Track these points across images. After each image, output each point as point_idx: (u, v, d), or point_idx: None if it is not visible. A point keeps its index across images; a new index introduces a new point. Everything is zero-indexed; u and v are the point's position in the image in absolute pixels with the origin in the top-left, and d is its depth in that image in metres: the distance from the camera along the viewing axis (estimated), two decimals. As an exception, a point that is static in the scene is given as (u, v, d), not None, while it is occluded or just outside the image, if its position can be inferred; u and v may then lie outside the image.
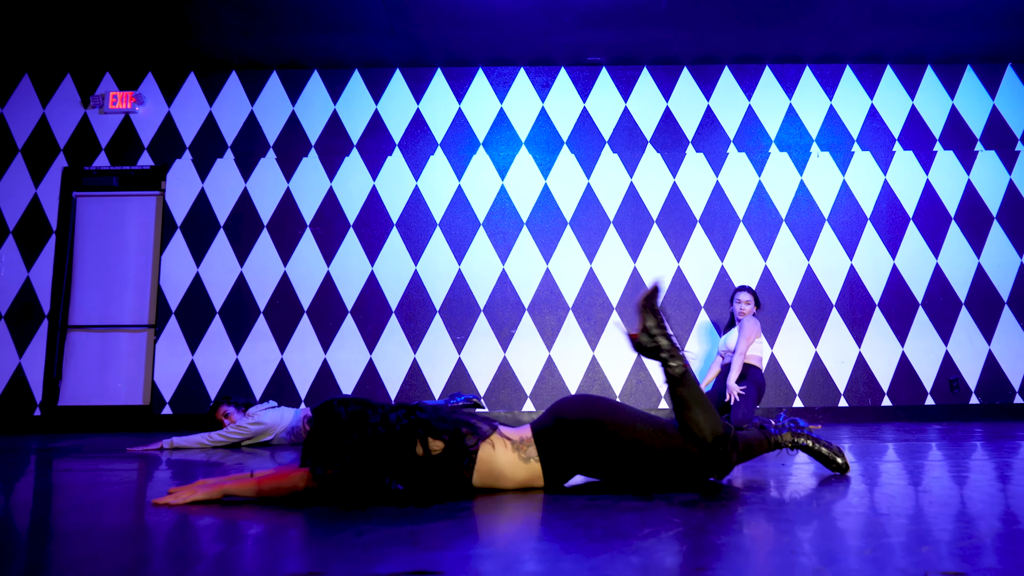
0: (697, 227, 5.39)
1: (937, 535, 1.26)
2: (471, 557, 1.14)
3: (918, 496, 1.72)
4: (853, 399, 5.16)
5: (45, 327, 5.26)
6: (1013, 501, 1.62)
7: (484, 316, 5.25)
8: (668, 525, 1.35)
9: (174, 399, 5.14)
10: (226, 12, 4.81)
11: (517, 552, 1.19)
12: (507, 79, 5.62)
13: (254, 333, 5.22)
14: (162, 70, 5.59)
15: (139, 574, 1.06)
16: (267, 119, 5.54)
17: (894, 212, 5.42)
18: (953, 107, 5.60)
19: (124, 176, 5.48)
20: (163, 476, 2.42)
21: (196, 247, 5.34)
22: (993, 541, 1.22)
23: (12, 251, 5.33)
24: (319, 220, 5.38)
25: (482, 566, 1.08)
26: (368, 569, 1.05)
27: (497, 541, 1.30)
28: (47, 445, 3.89)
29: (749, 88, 5.62)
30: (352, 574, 1.02)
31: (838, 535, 1.29)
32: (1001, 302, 5.30)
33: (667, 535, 1.27)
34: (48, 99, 5.55)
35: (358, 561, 1.10)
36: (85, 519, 1.56)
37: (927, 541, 1.21)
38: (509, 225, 5.39)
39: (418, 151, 5.50)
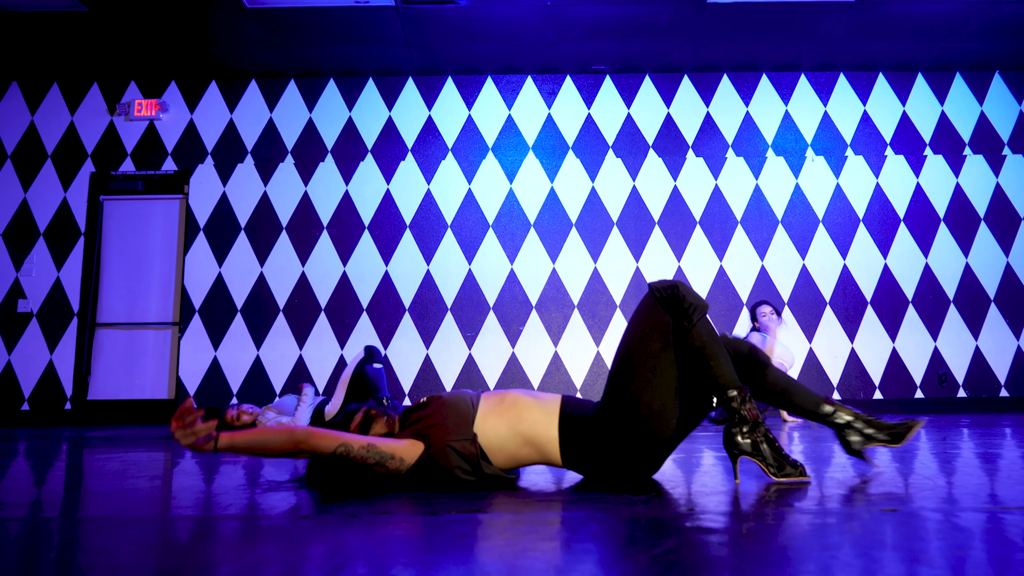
0: (697, 228, 5.64)
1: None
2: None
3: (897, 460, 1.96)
4: (846, 392, 5.40)
5: (75, 325, 5.51)
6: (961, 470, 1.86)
7: (493, 313, 5.50)
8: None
9: (198, 393, 5.39)
10: (248, 25, 5.06)
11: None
12: (515, 87, 5.87)
13: (274, 330, 5.47)
14: (185, 79, 5.84)
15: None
16: (285, 126, 5.79)
17: (886, 214, 5.66)
18: (943, 113, 5.84)
19: (149, 180, 5.73)
20: (190, 465, 2.67)
21: (218, 248, 5.59)
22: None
23: (43, 252, 5.59)
24: (336, 222, 5.63)
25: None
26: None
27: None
28: (81, 435, 4.14)
29: (747, 95, 5.86)
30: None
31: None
32: (988, 300, 5.54)
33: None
34: (76, 107, 5.80)
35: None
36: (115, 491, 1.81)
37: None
38: (517, 227, 5.63)
39: (430, 156, 5.75)
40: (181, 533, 1.24)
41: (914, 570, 0.90)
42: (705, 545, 1.06)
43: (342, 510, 1.42)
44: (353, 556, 1.03)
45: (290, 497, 1.62)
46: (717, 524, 1.22)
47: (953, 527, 1.16)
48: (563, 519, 1.31)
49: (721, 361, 1.66)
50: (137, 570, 0.98)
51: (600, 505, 1.44)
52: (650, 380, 1.63)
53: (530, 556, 1.02)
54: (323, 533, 1.20)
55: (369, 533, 1.18)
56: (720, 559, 0.98)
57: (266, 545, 1.11)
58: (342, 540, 1.13)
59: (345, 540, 1.13)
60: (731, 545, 1.06)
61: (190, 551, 1.09)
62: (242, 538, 1.17)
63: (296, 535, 1.18)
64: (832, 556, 0.98)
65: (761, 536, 1.11)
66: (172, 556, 1.06)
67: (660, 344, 1.65)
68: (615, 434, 1.64)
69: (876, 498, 1.46)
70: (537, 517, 1.33)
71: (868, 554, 0.99)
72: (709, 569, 0.92)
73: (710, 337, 1.67)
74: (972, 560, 0.95)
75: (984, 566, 0.92)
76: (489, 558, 1.01)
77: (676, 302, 1.67)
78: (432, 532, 1.18)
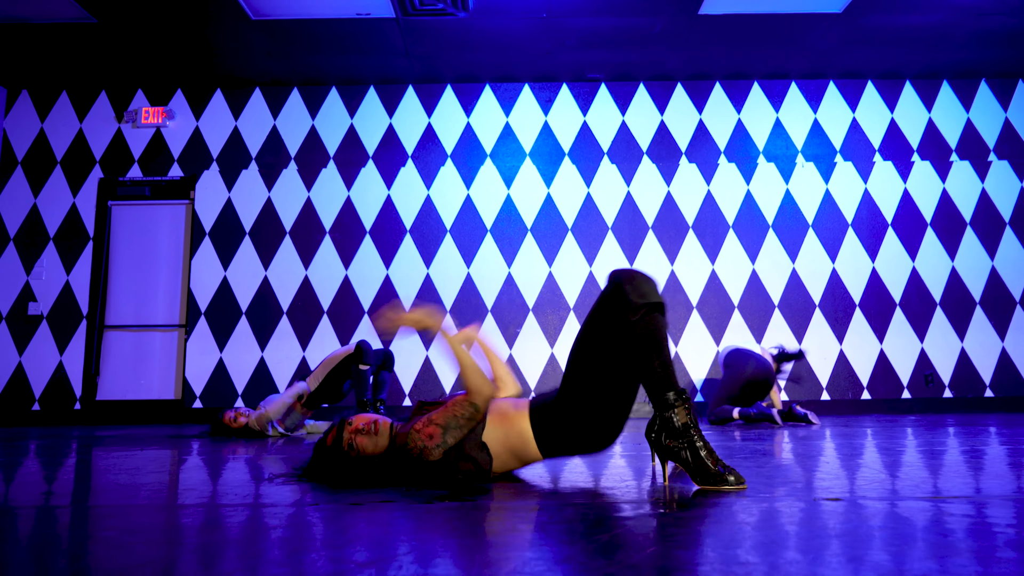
0: (690, 233, 5.78)
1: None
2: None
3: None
4: (835, 393, 5.55)
5: (84, 327, 5.66)
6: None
7: (492, 316, 5.65)
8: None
9: (204, 393, 5.54)
10: (252, 36, 5.21)
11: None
12: (512, 95, 6.02)
13: (278, 332, 5.63)
14: (191, 87, 6.00)
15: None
16: (289, 133, 5.94)
17: (874, 219, 5.80)
18: (930, 120, 5.99)
19: (156, 186, 5.89)
20: (196, 462, 2.82)
21: (223, 252, 5.75)
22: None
23: (53, 257, 5.74)
24: (338, 227, 5.78)
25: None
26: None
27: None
28: (91, 433, 4.29)
29: (739, 102, 6.01)
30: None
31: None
32: (973, 303, 5.68)
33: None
34: (85, 114, 5.96)
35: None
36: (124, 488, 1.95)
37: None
38: (515, 231, 5.78)
39: (430, 162, 5.90)
40: (194, 519, 1.38)
41: (815, 547, 1.05)
42: (648, 526, 1.21)
43: (346, 499, 1.56)
44: (359, 536, 1.17)
45: (295, 489, 1.77)
46: (660, 511, 1.36)
47: (894, 516, 1.30)
48: (541, 506, 1.46)
49: (656, 361, 1.67)
50: (154, 549, 1.12)
51: (576, 496, 1.59)
52: (597, 364, 1.72)
53: (512, 534, 1.17)
54: (332, 518, 1.34)
55: (372, 518, 1.33)
56: (652, 536, 1.12)
57: (279, 529, 1.26)
58: (349, 523, 1.28)
59: (351, 523, 1.28)
60: (670, 526, 1.20)
61: (205, 534, 1.23)
62: (255, 523, 1.32)
63: (305, 520, 1.33)
64: (738, 529, 1.12)
65: (685, 520, 1.26)
66: (192, 537, 1.20)
67: (610, 332, 1.71)
68: (571, 409, 1.77)
69: (811, 490, 1.61)
70: (519, 504, 1.48)
71: (772, 529, 1.13)
72: (646, 544, 1.07)
73: (649, 336, 1.67)
74: (897, 541, 1.10)
75: (899, 545, 1.07)
76: (469, 537, 1.16)
77: (620, 295, 1.70)
78: (427, 517, 1.33)
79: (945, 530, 1.14)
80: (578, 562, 0.98)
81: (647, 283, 1.72)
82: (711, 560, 0.97)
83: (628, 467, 2.14)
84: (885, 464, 2.09)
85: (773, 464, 2.15)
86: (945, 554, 0.99)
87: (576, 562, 0.98)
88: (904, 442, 2.79)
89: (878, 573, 0.90)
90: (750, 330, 5.60)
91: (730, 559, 0.97)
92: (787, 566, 0.94)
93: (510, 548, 1.07)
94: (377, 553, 1.04)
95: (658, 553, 1.02)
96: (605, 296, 1.75)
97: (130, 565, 1.00)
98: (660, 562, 0.97)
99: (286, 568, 0.97)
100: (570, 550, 1.05)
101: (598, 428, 1.77)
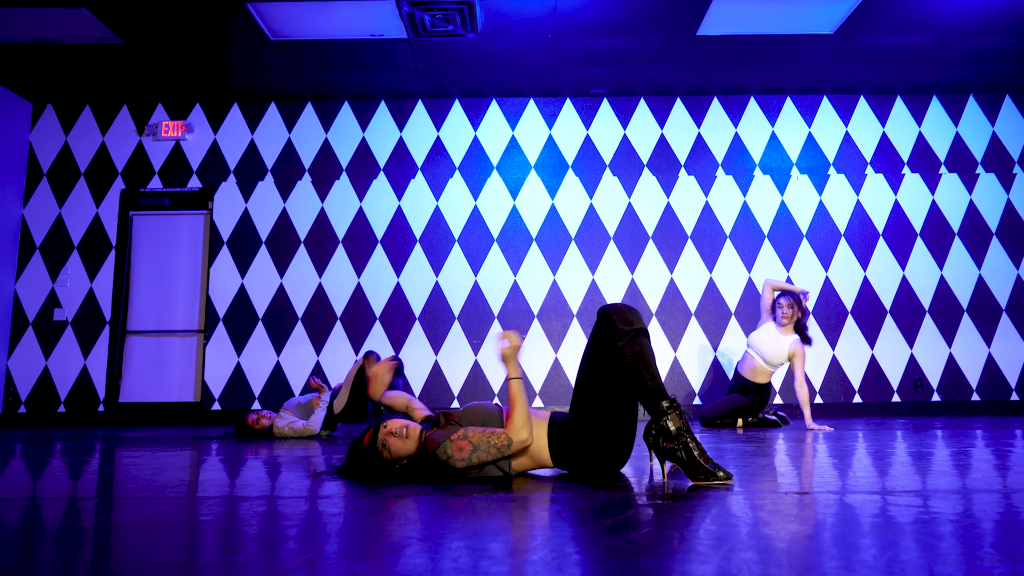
0: (688, 243, 6.02)
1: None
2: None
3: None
4: (827, 396, 5.78)
5: (107, 332, 5.90)
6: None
7: (498, 322, 5.89)
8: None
9: (222, 396, 5.78)
10: (269, 55, 5.45)
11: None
12: (518, 109, 6.26)
13: (293, 337, 5.86)
14: (209, 102, 6.24)
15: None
16: (303, 145, 6.19)
17: (865, 229, 6.04)
18: (920, 134, 6.22)
19: (175, 197, 6.13)
20: (214, 461, 3.05)
21: (241, 261, 5.99)
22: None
23: (77, 265, 5.98)
24: (350, 236, 6.02)
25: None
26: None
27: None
28: (114, 434, 4.53)
29: (736, 117, 6.25)
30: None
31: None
32: (961, 310, 5.92)
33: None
34: (107, 128, 6.21)
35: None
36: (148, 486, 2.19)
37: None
38: (520, 241, 6.02)
39: (438, 174, 6.14)
40: (256, 510, 1.62)
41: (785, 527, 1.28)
42: (646, 514, 1.44)
43: (389, 493, 1.80)
44: (410, 520, 1.41)
45: (340, 484, 2.00)
46: (658, 501, 1.60)
47: (847, 506, 1.54)
48: (553, 498, 1.69)
49: (647, 377, 1.89)
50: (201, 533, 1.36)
51: (583, 490, 1.82)
52: (599, 389, 1.95)
53: (533, 518, 1.40)
54: (383, 506, 1.58)
55: (417, 507, 1.57)
56: (650, 519, 1.36)
57: (340, 517, 1.49)
58: (399, 511, 1.52)
59: (402, 510, 1.51)
60: (664, 513, 1.44)
61: (281, 520, 1.47)
62: (315, 513, 1.56)
63: (360, 509, 1.56)
64: (725, 513, 1.35)
65: (678, 508, 1.50)
66: (257, 526, 1.44)
67: (605, 359, 1.95)
68: (582, 435, 2.03)
69: (781, 484, 1.84)
70: (537, 496, 1.71)
71: (748, 515, 1.37)
72: (644, 525, 1.31)
73: (637, 357, 1.90)
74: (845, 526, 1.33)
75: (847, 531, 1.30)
76: (499, 520, 1.39)
77: (609, 324, 1.93)
78: (463, 506, 1.56)
79: (887, 519, 1.38)
80: (589, 538, 1.21)
81: (631, 312, 1.96)
82: (699, 536, 1.21)
83: (629, 466, 2.37)
84: (844, 463, 2.32)
85: (758, 464, 2.38)
86: (869, 536, 1.22)
87: (587, 538, 1.21)
88: (893, 444, 3.03)
89: (823, 546, 1.13)
90: (746, 338, 5.83)
91: (712, 534, 1.21)
92: (755, 539, 1.17)
93: (534, 528, 1.31)
94: (430, 532, 1.28)
95: (653, 531, 1.25)
96: (597, 329, 2.01)
97: (155, 560, 1.24)
98: (654, 537, 1.20)
99: (361, 543, 1.21)
100: (582, 530, 1.28)
101: (608, 452, 2.00)
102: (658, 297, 5.93)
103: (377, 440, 2.08)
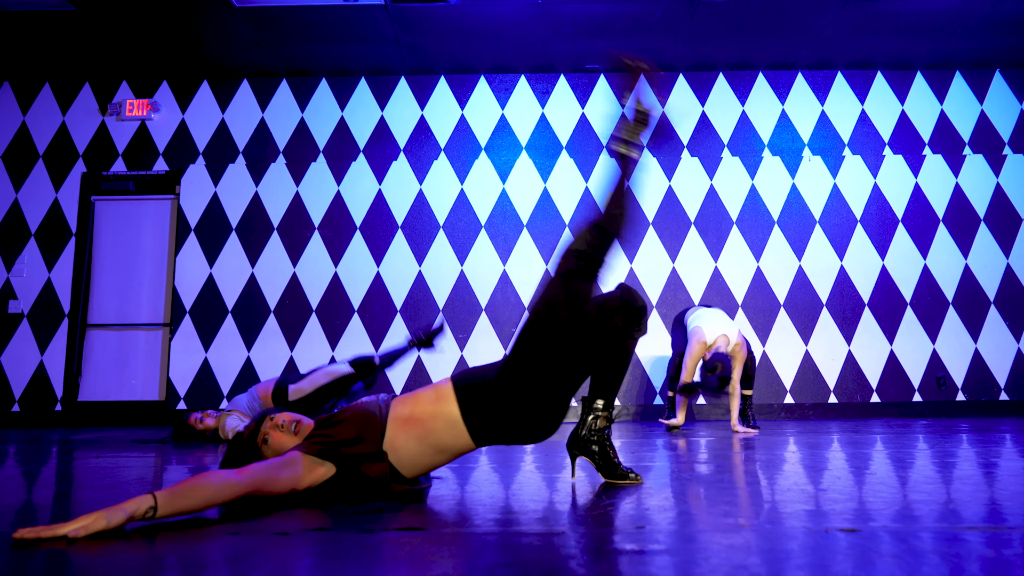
0: (692, 229, 5.57)
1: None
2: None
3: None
4: (842, 396, 5.33)
5: (65, 325, 5.49)
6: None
7: (486, 315, 5.45)
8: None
9: (188, 394, 5.36)
10: (237, 24, 5.02)
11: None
12: (508, 86, 5.82)
13: (265, 331, 5.44)
14: (176, 79, 5.82)
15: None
16: (277, 125, 5.76)
17: (883, 214, 5.58)
18: (942, 112, 5.76)
19: (140, 181, 5.71)
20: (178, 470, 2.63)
21: (209, 249, 5.56)
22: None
23: (34, 253, 5.57)
24: (327, 223, 5.59)
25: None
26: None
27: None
28: (68, 437, 4.11)
29: (743, 94, 5.80)
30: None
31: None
32: (988, 302, 5.46)
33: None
34: (68, 107, 5.78)
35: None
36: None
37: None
38: (510, 227, 5.58)
39: (422, 156, 5.70)
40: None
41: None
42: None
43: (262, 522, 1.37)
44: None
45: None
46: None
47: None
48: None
49: (622, 377, 1.91)
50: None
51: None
52: (563, 347, 1.72)
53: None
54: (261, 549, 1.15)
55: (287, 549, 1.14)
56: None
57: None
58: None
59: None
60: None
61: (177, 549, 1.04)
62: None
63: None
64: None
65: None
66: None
67: (597, 331, 1.75)
68: (520, 391, 1.67)
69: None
70: (435, 534, 1.28)
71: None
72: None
73: (630, 356, 1.91)
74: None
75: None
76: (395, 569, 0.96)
77: (639, 318, 1.83)
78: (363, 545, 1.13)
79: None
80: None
81: (647, 315, 1.90)
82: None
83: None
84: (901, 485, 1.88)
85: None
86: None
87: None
88: (913, 450, 2.59)
89: None
90: (754, 330, 5.39)
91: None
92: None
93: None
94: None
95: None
96: (611, 305, 1.77)
97: None
98: None
99: None
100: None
101: (547, 412, 1.72)
102: (659, 287, 5.49)
103: (259, 433, 1.67)
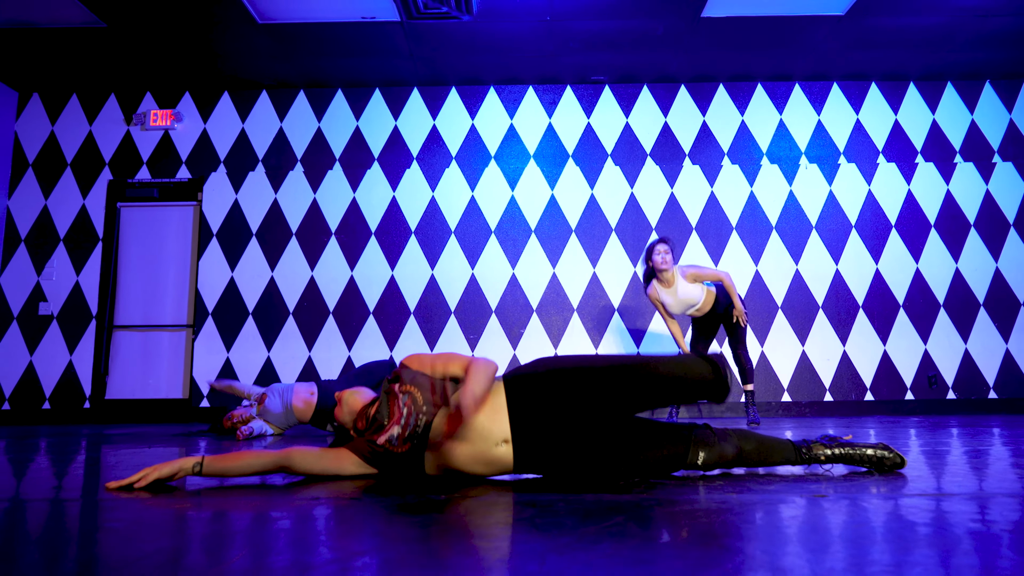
0: (693, 234, 5.80)
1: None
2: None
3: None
4: (838, 394, 5.56)
5: (93, 327, 5.73)
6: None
7: (495, 317, 5.69)
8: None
9: (211, 393, 5.60)
10: (258, 39, 5.27)
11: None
12: (517, 96, 6.06)
13: (284, 332, 5.68)
14: (198, 90, 6.06)
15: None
16: (295, 135, 6.00)
17: (877, 220, 5.81)
18: (934, 121, 5.99)
19: (164, 188, 5.95)
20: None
21: (230, 253, 5.81)
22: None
23: (63, 257, 5.81)
24: (343, 228, 5.83)
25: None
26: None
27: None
28: (102, 432, 4.35)
29: (742, 104, 6.03)
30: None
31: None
32: (977, 304, 5.68)
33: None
34: (94, 117, 6.03)
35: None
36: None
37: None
38: (519, 233, 5.82)
39: (434, 164, 5.94)
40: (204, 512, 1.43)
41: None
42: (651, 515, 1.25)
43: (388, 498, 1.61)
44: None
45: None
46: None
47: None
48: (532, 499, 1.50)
49: None
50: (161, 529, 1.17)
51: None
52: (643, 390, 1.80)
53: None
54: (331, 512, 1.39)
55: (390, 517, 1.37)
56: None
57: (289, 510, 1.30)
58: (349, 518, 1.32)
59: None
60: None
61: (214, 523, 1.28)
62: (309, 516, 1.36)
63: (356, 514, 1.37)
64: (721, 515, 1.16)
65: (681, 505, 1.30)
66: (203, 527, 1.25)
67: (672, 392, 1.79)
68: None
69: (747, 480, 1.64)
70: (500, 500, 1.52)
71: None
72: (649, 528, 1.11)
73: None
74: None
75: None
76: (450, 540, 1.19)
77: (723, 399, 1.82)
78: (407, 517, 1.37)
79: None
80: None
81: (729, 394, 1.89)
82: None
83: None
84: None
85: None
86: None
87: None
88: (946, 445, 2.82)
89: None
90: (753, 332, 5.62)
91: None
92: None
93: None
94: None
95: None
96: (704, 381, 1.78)
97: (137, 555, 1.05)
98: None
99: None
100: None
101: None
102: (661, 291, 5.71)
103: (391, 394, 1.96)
